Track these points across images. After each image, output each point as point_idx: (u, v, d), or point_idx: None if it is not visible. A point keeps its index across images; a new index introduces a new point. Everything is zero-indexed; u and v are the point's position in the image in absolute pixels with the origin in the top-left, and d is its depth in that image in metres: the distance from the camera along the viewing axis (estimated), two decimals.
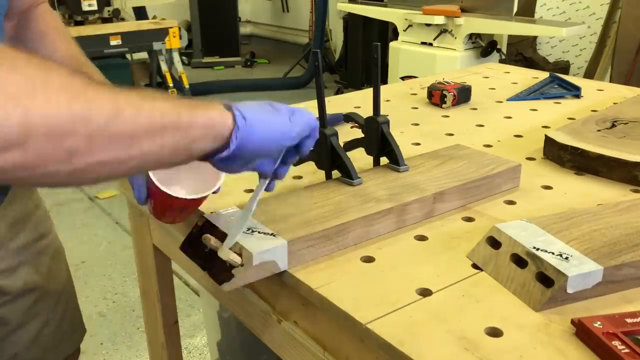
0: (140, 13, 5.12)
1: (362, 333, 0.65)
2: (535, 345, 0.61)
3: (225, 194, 0.96)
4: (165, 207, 0.80)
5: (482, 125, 1.31)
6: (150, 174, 0.76)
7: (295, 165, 0.99)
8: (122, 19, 4.54)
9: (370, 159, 1.00)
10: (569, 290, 0.66)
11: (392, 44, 3.75)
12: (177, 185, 0.82)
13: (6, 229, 0.94)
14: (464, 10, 3.40)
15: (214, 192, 0.80)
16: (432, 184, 0.90)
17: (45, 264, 1.02)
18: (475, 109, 1.44)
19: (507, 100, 1.51)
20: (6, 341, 0.97)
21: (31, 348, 1.00)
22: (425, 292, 0.70)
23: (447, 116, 1.39)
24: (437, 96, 1.45)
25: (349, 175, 0.90)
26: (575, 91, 1.53)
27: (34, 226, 1.00)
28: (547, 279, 0.67)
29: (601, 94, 1.55)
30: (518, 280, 0.70)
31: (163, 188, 0.76)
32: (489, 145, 1.18)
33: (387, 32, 4.64)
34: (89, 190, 3.51)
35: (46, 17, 0.94)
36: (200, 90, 5.25)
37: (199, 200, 0.79)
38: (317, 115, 0.91)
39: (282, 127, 0.69)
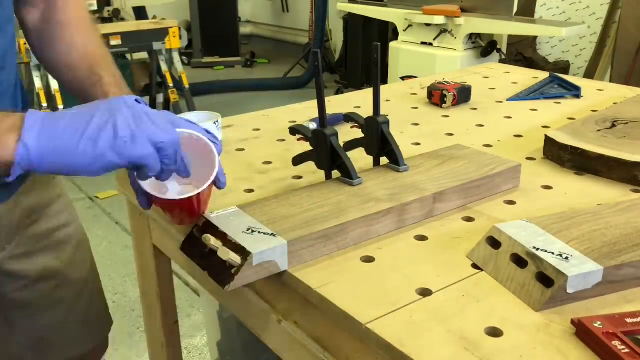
0: (140, 13, 5.12)
1: (362, 333, 0.65)
2: (535, 345, 0.61)
3: (225, 194, 0.97)
4: (165, 209, 0.80)
5: (482, 125, 1.31)
6: (139, 181, 0.74)
7: (295, 165, 1.00)
8: (122, 19, 4.54)
9: (370, 159, 1.00)
10: (569, 290, 0.66)
11: (392, 44, 3.75)
12: (175, 184, 0.81)
13: (22, 215, 0.95)
14: (464, 10, 3.40)
15: (218, 187, 0.79)
16: (432, 184, 0.90)
17: (67, 253, 1.03)
18: (475, 109, 1.44)
19: (507, 100, 1.51)
20: (29, 323, 1.00)
21: (58, 334, 1.04)
22: (425, 292, 0.70)
23: (447, 116, 1.39)
24: (437, 96, 1.45)
25: (349, 175, 0.90)
26: (575, 91, 1.53)
27: (55, 215, 1.01)
28: (547, 279, 0.67)
29: (601, 94, 1.55)
30: (518, 280, 0.70)
31: (151, 191, 0.74)
32: (489, 145, 1.18)
33: (387, 32, 4.64)
34: (89, 190, 3.51)
35: (69, 7, 0.92)
36: (200, 90, 5.25)
37: (192, 200, 0.77)
38: (318, 116, 0.92)
39: (83, 159, 0.64)
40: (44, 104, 3.73)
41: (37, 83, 3.72)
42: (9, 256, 0.95)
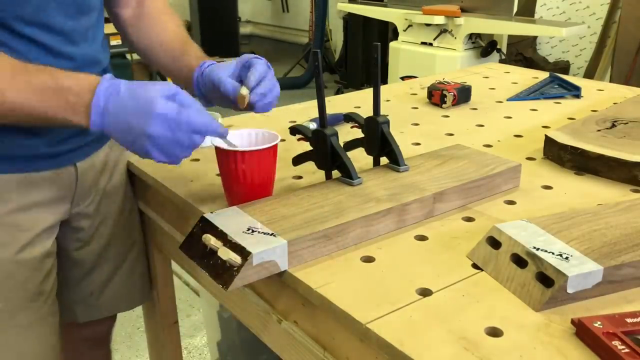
0: None
1: (362, 333, 0.65)
2: (535, 345, 0.61)
3: None
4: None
5: (482, 125, 1.31)
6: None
7: (295, 165, 1.00)
8: None
9: (370, 159, 1.00)
10: (569, 290, 0.66)
11: (392, 44, 3.75)
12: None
13: (96, 174, 1.06)
14: (464, 10, 3.40)
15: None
16: (432, 184, 0.90)
17: (123, 215, 1.13)
18: (475, 109, 1.44)
19: (507, 100, 1.51)
20: (83, 282, 1.13)
21: (105, 290, 1.15)
22: (425, 292, 0.70)
23: (447, 116, 1.39)
24: (437, 96, 1.45)
25: (349, 175, 0.90)
26: (575, 91, 1.53)
27: (120, 174, 1.11)
28: (547, 279, 0.67)
29: (601, 94, 1.55)
30: (518, 280, 0.70)
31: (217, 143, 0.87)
32: (489, 145, 1.18)
33: (387, 32, 4.64)
34: None
35: (157, 4, 1.13)
36: None
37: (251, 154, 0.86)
38: (318, 116, 0.92)
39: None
40: None
41: None
42: (81, 213, 1.05)
